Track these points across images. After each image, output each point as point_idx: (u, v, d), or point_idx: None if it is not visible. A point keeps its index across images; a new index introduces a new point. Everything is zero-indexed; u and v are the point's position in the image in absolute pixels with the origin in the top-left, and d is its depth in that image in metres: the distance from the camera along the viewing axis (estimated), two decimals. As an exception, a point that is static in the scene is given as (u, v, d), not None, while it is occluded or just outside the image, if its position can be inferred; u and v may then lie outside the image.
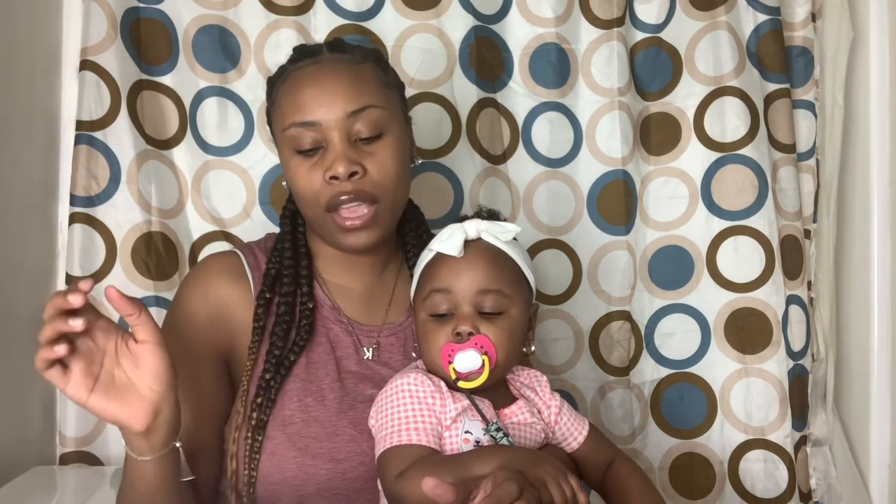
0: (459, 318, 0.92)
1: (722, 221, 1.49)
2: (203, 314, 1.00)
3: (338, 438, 0.95)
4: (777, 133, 1.51)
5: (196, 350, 0.99)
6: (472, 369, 0.89)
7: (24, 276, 1.28)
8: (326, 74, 0.99)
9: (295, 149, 0.98)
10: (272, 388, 0.96)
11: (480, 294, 0.92)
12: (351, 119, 0.96)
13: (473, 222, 0.95)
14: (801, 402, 1.49)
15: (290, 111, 0.98)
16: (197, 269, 1.07)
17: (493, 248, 0.94)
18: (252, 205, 1.40)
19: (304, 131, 0.97)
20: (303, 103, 0.97)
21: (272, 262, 1.03)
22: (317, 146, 0.97)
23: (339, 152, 0.96)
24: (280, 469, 0.93)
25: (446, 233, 0.94)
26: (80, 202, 1.32)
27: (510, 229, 0.95)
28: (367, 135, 0.97)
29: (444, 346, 0.91)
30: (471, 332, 0.91)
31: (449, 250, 0.92)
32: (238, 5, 1.40)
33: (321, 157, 0.97)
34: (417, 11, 1.44)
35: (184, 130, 1.39)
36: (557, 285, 1.49)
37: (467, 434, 0.89)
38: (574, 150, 1.50)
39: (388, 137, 0.99)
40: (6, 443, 1.21)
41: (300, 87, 0.98)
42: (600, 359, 1.49)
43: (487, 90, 1.47)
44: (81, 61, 1.33)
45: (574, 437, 0.99)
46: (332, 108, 0.96)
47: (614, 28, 1.48)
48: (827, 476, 1.52)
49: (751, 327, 1.47)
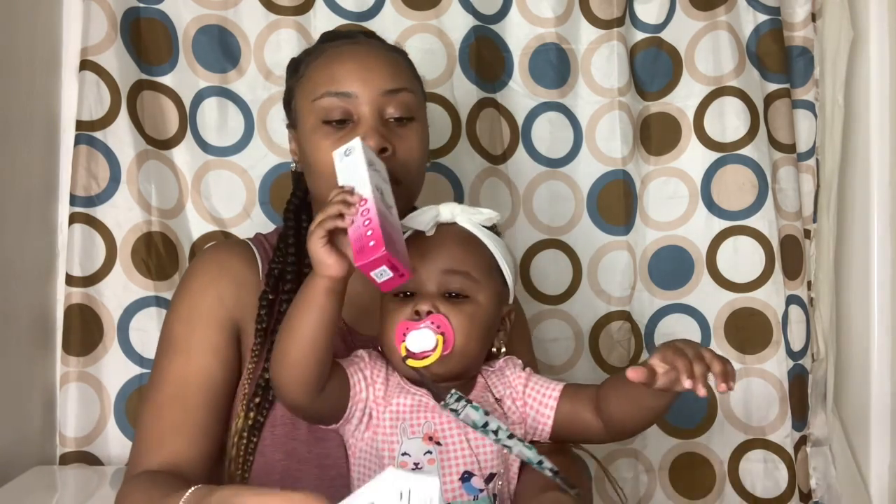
0: (420, 297, 0.88)
1: (722, 221, 1.49)
2: (220, 286, 0.98)
3: (326, 443, 0.93)
4: (777, 133, 1.51)
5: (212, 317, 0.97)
6: (425, 349, 0.85)
7: (24, 276, 1.28)
8: (366, 52, 1.00)
9: (323, 118, 0.97)
10: (271, 389, 0.95)
11: (445, 274, 0.88)
12: (386, 97, 0.97)
13: (449, 205, 0.93)
14: (801, 402, 1.49)
15: (325, 81, 0.97)
16: (210, 248, 1.07)
17: (465, 232, 0.92)
18: (252, 205, 1.40)
19: (337, 101, 0.96)
20: (340, 75, 0.97)
21: (275, 261, 1.01)
22: (346, 118, 0.97)
23: (371, 126, 0.95)
24: (267, 472, 0.93)
25: (419, 211, 0.92)
26: (80, 202, 1.32)
27: (486, 214, 0.93)
28: (398, 115, 0.98)
29: (400, 324, 0.87)
30: (430, 310, 0.87)
31: (417, 226, 0.90)
32: (238, 5, 1.41)
33: (350, 131, 0.96)
34: (417, 11, 1.44)
35: (184, 130, 1.39)
36: (557, 285, 1.49)
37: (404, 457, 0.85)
38: (574, 150, 1.50)
39: (417, 123, 1.00)
40: (6, 443, 1.21)
41: (338, 60, 0.99)
42: (600, 359, 1.49)
43: (487, 90, 1.47)
44: (81, 61, 1.33)
45: (546, 402, 0.93)
46: (370, 83, 0.97)
47: (614, 28, 1.48)
48: (827, 476, 1.52)
49: (751, 327, 1.47)
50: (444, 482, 0.84)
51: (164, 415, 0.94)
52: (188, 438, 0.92)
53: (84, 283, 1.32)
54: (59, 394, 1.32)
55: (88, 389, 1.32)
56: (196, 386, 0.94)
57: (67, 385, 1.31)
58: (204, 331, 0.96)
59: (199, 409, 0.94)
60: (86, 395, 1.32)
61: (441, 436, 0.87)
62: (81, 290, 1.32)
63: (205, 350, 0.95)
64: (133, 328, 1.33)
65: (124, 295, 1.34)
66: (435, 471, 0.85)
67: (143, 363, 1.33)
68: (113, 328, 1.33)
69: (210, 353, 0.95)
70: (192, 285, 1.00)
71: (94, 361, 1.32)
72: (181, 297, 1.00)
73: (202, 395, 0.94)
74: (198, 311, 0.97)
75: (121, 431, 1.33)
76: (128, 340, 1.33)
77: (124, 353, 1.33)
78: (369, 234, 0.77)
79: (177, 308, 1.00)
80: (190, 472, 0.90)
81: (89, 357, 1.32)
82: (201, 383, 0.94)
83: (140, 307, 1.34)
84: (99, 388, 1.33)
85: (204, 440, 0.94)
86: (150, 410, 0.95)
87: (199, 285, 0.99)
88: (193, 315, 0.97)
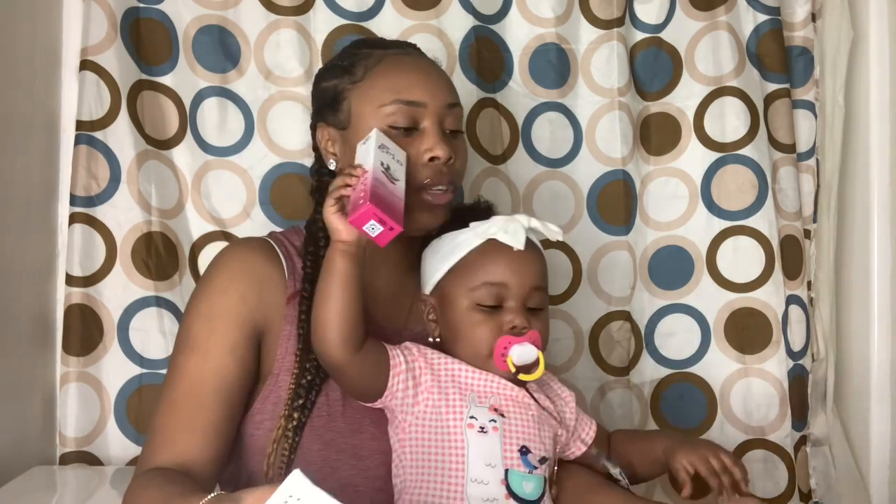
0: (514, 312, 0.94)
1: (722, 221, 1.49)
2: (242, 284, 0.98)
3: (361, 435, 0.96)
4: (777, 133, 1.51)
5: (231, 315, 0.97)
6: (528, 362, 0.93)
7: (24, 276, 1.28)
8: (429, 65, 1.06)
9: (390, 124, 0.99)
10: (313, 389, 0.96)
11: (533, 290, 0.95)
12: (448, 110, 1.02)
13: (525, 218, 0.98)
14: (800, 402, 1.49)
15: (394, 89, 1.00)
16: (232, 247, 1.08)
17: (538, 247, 1.00)
18: (252, 205, 1.40)
19: (406, 109, 0.99)
20: (410, 84, 1.00)
21: (307, 264, 1.01)
22: (412, 126, 1.00)
23: (441, 136, 1.00)
24: (306, 461, 0.94)
25: (499, 222, 0.97)
26: (80, 202, 1.33)
27: (555, 231, 0.99)
28: (454, 128, 1.03)
29: (501, 339, 0.93)
30: (525, 327, 0.94)
31: (513, 243, 0.95)
32: (238, 5, 1.40)
33: (417, 137, 1.00)
34: (417, 11, 1.44)
35: (184, 130, 1.39)
36: (557, 285, 1.49)
37: (471, 419, 0.91)
38: (574, 150, 1.50)
39: (463, 136, 1.06)
40: (6, 443, 1.21)
41: (406, 69, 1.02)
42: (600, 359, 1.49)
43: (487, 90, 1.47)
44: (81, 61, 1.33)
45: (585, 431, 1.04)
46: (438, 95, 1.01)
47: (614, 28, 1.48)
48: (827, 476, 1.52)
49: (751, 327, 1.47)
50: (505, 451, 0.91)
51: (178, 412, 0.94)
52: (200, 437, 0.92)
53: (84, 283, 1.32)
54: (59, 394, 1.32)
55: (88, 389, 1.32)
56: (211, 385, 0.94)
57: (67, 385, 1.31)
58: (223, 330, 0.96)
59: (214, 408, 0.94)
60: (86, 395, 1.32)
61: (506, 410, 0.94)
62: (81, 290, 1.32)
63: (223, 349, 0.95)
64: (133, 328, 1.33)
65: (124, 295, 1.34)
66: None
67: (143, 363, 1.33)
68: (113, 328, 1.33)
69: (228, 353, 0.95)
70: (214, 283, 1.00)
71: (94, 361, 1.32)
72: (201, 294, 1.00)
73: (217, 395, 0.94)
74: (218, 309, 0.97)
75: (121, 431, 1.33)
76: (128, 340, 1.33)
77: (124, 353, 1.33)
78: (361, 196, 0.86)
79: (197, 305, 0.99)
80: (199, 471, 0.91)
81: (89, 357, 1.32)
82: (217, 383, 0.94)
83: (140, 307, 1.34)
84: (99, 388, 1.33)
85: (216, 440, 0.94)
86: (164, 407, 0.95)
87: (221, 283, 0.99)
88: (213, 314, 0.97)
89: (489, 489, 0.89)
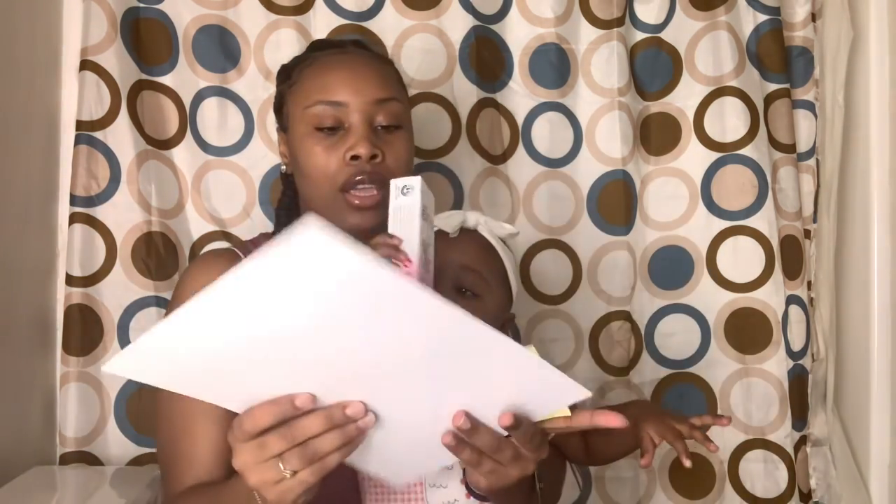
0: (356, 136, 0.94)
1: (722, 221, 1.49)
2: None
3: None
4: (777, 133, 1.51)
5: None
6: None
7: (24, 276, 1.28)
8: (357, 62, 1.03)
9: (315, 126, 1.00)
10: None
11: (461, 269, 0.93)
12: (376, 106, 1.00)
13: (475, 214, 0.98)
14: (801, 402, 1.49)
15: (317, 90, 1.00)
16: (197, 261, 1.07)
17: (484, 240, 0.97)
18: (252, 205, 1.40)
19: (329, 109, 0.99)
20: (332, 84, 1.00)
21: None
22: (337, 126, 1.00)
23: (362, 134, 0.98)
24: None
25: (447, 214, 0.97)
26: (80, 202, 1.33)
27: (507, 229, 0.98)
28: (387, 123, 1.01)
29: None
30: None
31: (444, 227, 0.95)
32: (238, 5, 1.41)
33: (341, 138, 0.99)
34: (417, 11, 1.44)
35: (184, 130, 1.39)
36: (557, 285, 1.49)
37: None
38: (574, 150, 1.50)
39: (404, 131, 1.03)
40: (6, 443, 1.21)
41: (330, 69, 1.02)
42: (600, 359, 1.49)
43: (487, 90, 1.47)
44: (81, 61, 1.33)
45: None
46: (361, 92, 0.99)
47: (614, 28, 1.48)
48: (827, 476, 1.52)
49: (751, 327, 1.47)
50: None
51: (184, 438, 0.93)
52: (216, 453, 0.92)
53: (84, 283, 1.32)
54: (59, 394, 1.32)
55: (88, 389, 1.32)
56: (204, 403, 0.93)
57: (67, 385, 1.31)
58: None
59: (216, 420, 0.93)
60: (86, 395, 1.32)
61: None
62: (81, 290, 1.32)
63: None
64: (133, 328, 1.33)
65: (124, 295, 1.34)
66: None
67: (143, 363, 1.33)
68: (113, 328, 1.33)
69: None
70: (182, 301, 1.00)
71: (94, 361, 1.32)
72: None
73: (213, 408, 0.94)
74: None
75: (121, 432, 1.33)
76: (128, 340, 1.33)
77: (124, 353, 1.33)
78: None
79: None
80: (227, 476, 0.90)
81: (89, 357, 1.32)
82: None
83: (140, 307, 1.34)
84: (99, 388, 1.33)
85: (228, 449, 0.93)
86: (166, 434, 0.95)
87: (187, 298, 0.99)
88: None
89: (449, 492, 0.89)
